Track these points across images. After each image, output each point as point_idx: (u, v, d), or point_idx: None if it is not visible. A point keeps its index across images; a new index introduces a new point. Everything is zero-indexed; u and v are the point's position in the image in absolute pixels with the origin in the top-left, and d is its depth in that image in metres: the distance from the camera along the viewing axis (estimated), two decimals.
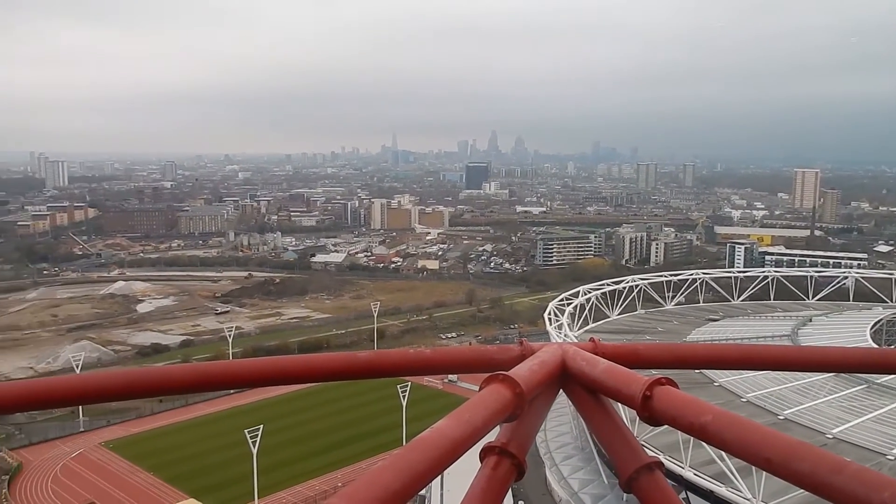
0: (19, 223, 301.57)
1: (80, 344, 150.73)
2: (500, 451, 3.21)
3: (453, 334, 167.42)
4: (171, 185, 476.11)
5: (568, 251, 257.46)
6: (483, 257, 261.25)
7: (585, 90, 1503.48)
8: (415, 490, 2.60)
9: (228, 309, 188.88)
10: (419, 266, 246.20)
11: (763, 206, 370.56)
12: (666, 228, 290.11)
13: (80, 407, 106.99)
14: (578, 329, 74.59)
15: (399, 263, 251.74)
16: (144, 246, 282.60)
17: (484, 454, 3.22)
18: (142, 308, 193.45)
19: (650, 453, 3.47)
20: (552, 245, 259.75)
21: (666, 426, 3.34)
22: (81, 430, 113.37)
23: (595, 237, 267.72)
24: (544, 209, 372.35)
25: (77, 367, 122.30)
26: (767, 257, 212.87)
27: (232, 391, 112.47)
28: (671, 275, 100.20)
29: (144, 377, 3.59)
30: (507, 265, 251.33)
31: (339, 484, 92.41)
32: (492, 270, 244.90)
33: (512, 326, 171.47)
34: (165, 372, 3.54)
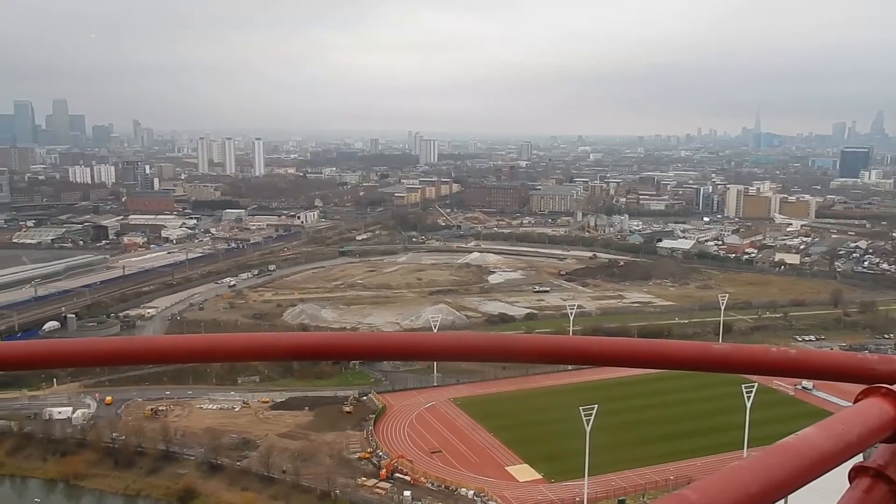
0: (396, 195, 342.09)
1: (437, 307, 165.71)
2: (876, 473, 2.68)
3: (811, 337, 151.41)
4: (526, 164, 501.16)
5: None
6: (855, 255, 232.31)
7: None
8: (773, 497, 2.34)
9: (548, 289, 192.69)
10: (776, 259, 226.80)
11: None
12: None
13: (435, 363, 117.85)
14: None
15: (753, 255, 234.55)
16: (499, 221, 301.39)
17: (854, 474, 2.73)
18: (493, 279, 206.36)
19: None
20: None
21: None
22: (435, 384, 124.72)
23: None
24: None
25: (434, 327, 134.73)
26: None
27: (570, 367, 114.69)
28: None
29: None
30: (884, 265, 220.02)
31: (671, 477, 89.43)
32: (864, 270, 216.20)
33: (887, 336, 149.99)
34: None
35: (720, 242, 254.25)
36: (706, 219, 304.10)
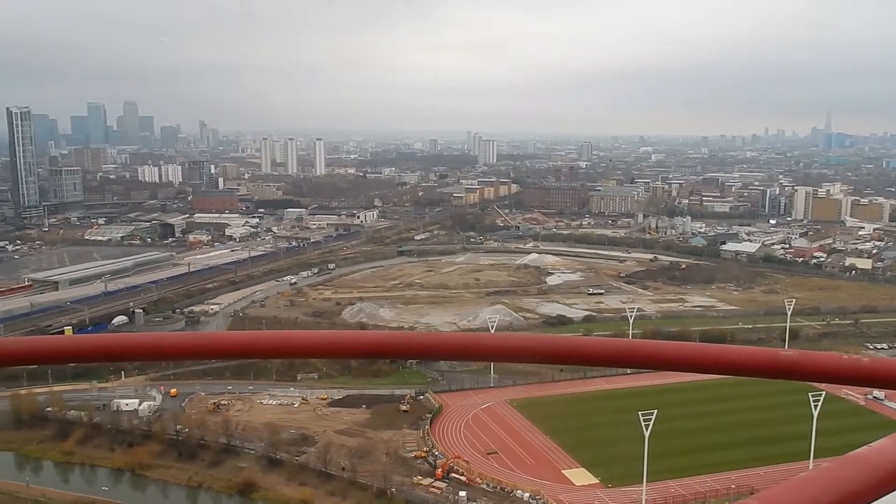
0: (454, 195, 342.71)
1: (495, 307, 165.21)
2: None
3: (884, 345, 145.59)
4: (586, 164, 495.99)
5: None
6: None
7: None
8: None
9: (602, 291, 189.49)
10: (847, 264, 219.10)
11: None
12: None
13: (492, 364, 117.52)
14: None
15: (822, 259, 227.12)
16: (558, 222, 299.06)
17: None
18: (551, 280, 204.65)
19: None
20: None
21: None
22: (491, 385, 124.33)
23: None
24: None
25: (492, 327, 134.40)
26: None
27: (628, 371, 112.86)
28: None
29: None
30: None
31: (733, 486, 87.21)
32: None
33: None
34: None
35: (787, 246, 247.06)
36: (772, 221, 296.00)
